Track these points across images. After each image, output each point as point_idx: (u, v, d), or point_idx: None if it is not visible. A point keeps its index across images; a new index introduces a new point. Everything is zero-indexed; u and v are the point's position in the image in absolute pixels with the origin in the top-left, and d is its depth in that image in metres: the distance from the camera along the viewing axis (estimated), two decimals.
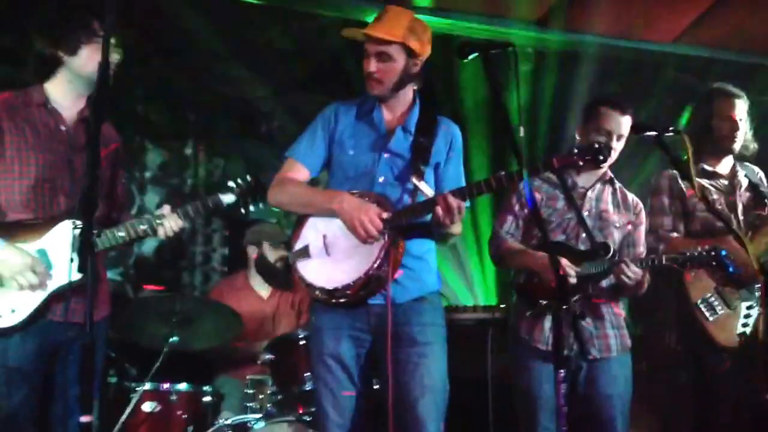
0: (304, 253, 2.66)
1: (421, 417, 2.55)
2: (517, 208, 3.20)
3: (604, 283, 3.10)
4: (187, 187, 5.55)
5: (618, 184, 3.29)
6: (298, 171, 2.74)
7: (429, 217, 2.59)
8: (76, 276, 2.36)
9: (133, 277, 5.26)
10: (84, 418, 1.89)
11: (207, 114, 5.47)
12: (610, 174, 3.26)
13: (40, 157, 2.55)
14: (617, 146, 3.10)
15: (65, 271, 2.42)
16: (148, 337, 3.78)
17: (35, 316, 2.46)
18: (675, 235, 3.42)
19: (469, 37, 4.99)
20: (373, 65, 2.66)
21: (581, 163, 2.55)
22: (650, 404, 3.64)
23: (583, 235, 3.09)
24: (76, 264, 1.91)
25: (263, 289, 4.35)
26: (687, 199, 3.45)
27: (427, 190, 2.59)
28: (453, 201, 2.47)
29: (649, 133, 2.83)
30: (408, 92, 2.77)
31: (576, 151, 2.54)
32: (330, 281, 2.57)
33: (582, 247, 3.10)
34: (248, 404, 3.71)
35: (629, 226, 3.22)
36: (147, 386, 3.59)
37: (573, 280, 2.93)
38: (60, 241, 2.53)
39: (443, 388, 2.64)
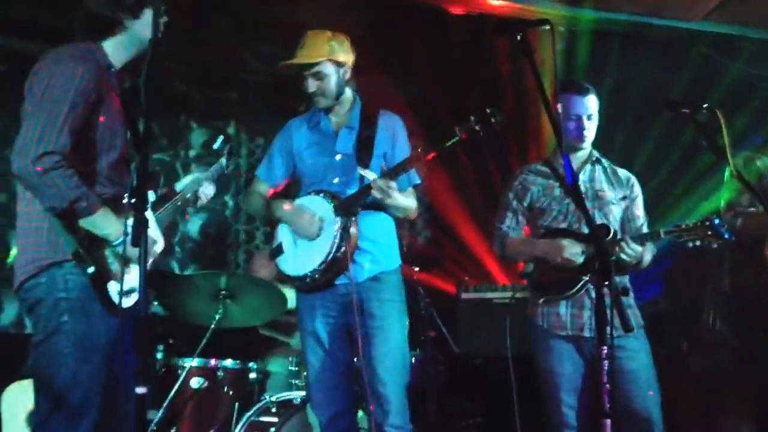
0: (279, 250, 3.09)
1: (383, 379, 2.91)
2: (514, 203, 3.28)
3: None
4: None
5: (607, 162, 3.30)
6: (260, 185, 3.22)
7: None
8: (159, 247, 2.50)
9: (178, 255, 5.34)
10: (139, 390, 1.90)
11: (249, 94, 5.48)
12: (596, 154, 3.28)
13: (120, 128, 2.48)
14: (589, 125, 3.17)
15: (160, 243, 2.51)
16: (194, 314, 3.83)
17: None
18: (752, 209, 3.42)
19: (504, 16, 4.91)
20: (311, 86, 3.06)
21: (481, 133, 2.80)
22: (690, 384, 3.59)
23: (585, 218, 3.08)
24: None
25: None
26: (763, 178, 3.47)
27: (370, 175, 2.92)
28: (382, 182, 2.84)
29: (683, 111, 2.77)
30: (348, 95, 3.14)
31: (473, 118, 2.81)
32: (298, 269, 2.99)
33: (585, 231, 3.11)
34: (293, 381, 3.74)
35: (625, 201, 3.24)
36: (194, 362, 3.65)
37: (579, 259, 3.01)
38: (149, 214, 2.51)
39: (401, 355, 2.98)
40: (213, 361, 3.74)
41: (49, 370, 2.34)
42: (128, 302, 2.40)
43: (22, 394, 3.46)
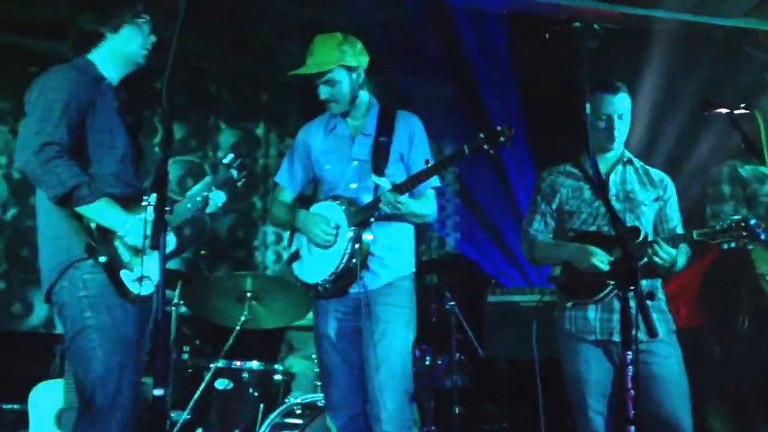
0: (296, 256, 3.10)
1: (380, 384, 2.89)
2: (543, 206, 3.23)
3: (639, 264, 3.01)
4: (258, 167, 5.62)
5: (639, 163, 3.23)
6: (282, 192, 3.21)
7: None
8: (171, 246, 2.54)
9: (207, 256, 5.38)
10: (157, 391, 1.94)
11: (278, 95, 5.50)
12: (628, 154, 3.21)
13: (121, 131, 2.59)
14: (619, 125, 3.10)
15: (171, 242, 2.58)
16: (220, 315, 3.84)
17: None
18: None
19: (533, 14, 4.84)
20: (324, 93, 3.03)
21: (491, 151, 2.78)
22: (723, 390, 3.50)
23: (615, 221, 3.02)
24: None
25: None
26: (748, 185, 3.42)
27: (384, 184, 2.90)
28: (391, 196, 2.83)
29: (719, 111, 2.69)
30: (363, 98, 3.11)
31: (482, 136, 2.78)
32: (311, 277, 3.01)
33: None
34: (318, 383, 3.73)
35: (658, 202, 3.17)
36: (220, 364, 3.67)
37: (605, 268, 2.94)
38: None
39: (401, 361, 2.95)
40: (238, 363, 3.75)
41: (81, 365, 2.45)
42: (144, 289, 2.47)
43: (50, 394, 3.52)
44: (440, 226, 5.66)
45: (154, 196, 2.09)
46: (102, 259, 2.44)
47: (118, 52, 2.64)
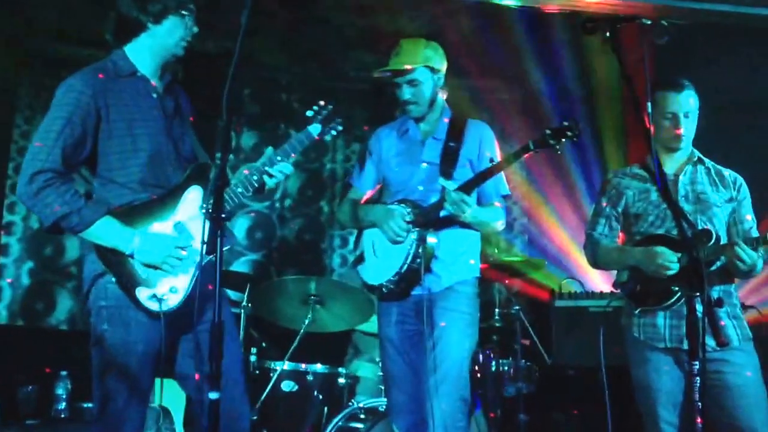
0: (361, 258, 3.12)
1: (432, 391, 2.86)
2: (607, 209, 3.15)
3: (713, 268, 2.91)
4: (325, 171, 5.69)
5: (710, 163, 3.10)
6: (354, 193, 3.24)
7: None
8: (227, 244, 2.34)
9: (276, 260, 5.47)
10: (212, 395, 1.95)
11: (346, 101, 5.55)
12: (698, 154, 3.09)
13: (146, 129, 2.48)
14: (685, 124, 3.01)
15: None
16: (286, 318, 3.90)
17: (193, 290, 2.44)
18: None
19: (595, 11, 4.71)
20: (406, 93, 3.05)
21: (557, 147, 2.73)
22: None
23: (684, 223, 2.88)
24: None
25: None
26: None
27: (450, 186, 2.88)
28: (456, 195, 2.81)
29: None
30: (439, 103, 3.13)
31: (548, 132, 2.73)
32: (375, 278, 3.03)
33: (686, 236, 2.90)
34: (382, 387, 3.73)
35: (732, 203, 3.03)
36: (285, 366, 3.71)
37: (672, 272, 2.84)
38: (192, 209, 2.50)
39: (457, 367, 2.91)
40: (303, 365, 3.79)
41: (96, 374, 2.42)
42: (166, 306, 2.39)
43: None
44: (507, 230, 5.58)
45: (211, 202, 2.05)
46: (112, 279, 2.39)
47: (159, 44, 2.52)
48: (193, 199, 2.51)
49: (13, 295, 5.22)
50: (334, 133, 2.74)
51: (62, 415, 4.26)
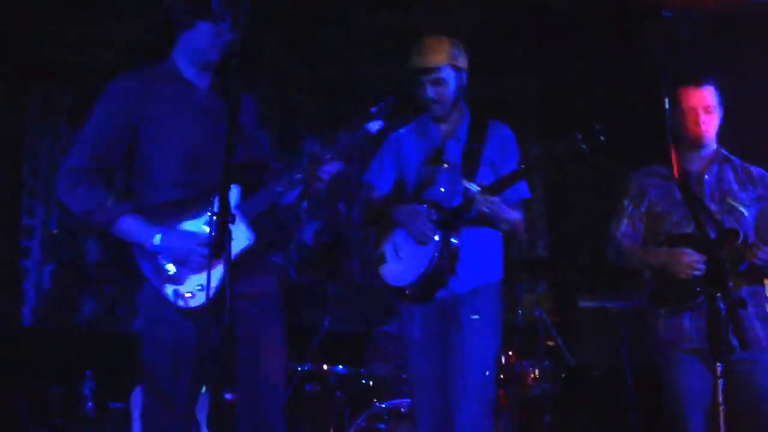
0: (382, 258, 3.05)
1: (458, 393, 2.85)
2: (630, 208, 3.11)
3: (741, 268, 2.85)
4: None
5: (737, 160, 3.03)
6: (372, 191, 3.16)
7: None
8: (243, 243, 2.38)
9: (295, 262, 5.48)
10: (229, 396, 1.97)
11: (358, 102, 5.54)
12: (723, 151, 3.03)
13: (185, 130, 2.51)
14: (707, 119, 2.96)
15: (241, 238, 2.37)
16: (307, 319, 3.90)
17: (220, 289, 2.38)
18: None
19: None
20: (430, 91, 2.97)
21: (587, 151, 2.68)
22: None
23: (710, 223, 2.88)
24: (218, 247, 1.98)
25: None
26: None
27: (474, 187, 2.84)
28: (484, 198, 2.77)
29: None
30: (460, 103, 3.08)
31: (579, 136, 2.68)
32: (399, 280, 2.96)
33: (712, 235, 2.86)
34: (405, 388, 3.72)
35: (761, 201, 2.97)
36: (307, 367, 3.72)
37: (700, 270, 2.80)
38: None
39: (482, 370, 2.88)
40: (325, 366, 3.79)
41: (142, 374, 2.47)
42: (193, 302, 2.40)
43: None
44: (529, 229, 5.53)
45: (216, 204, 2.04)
46: (146, 276, 2.44)
47: (193, 48, 2.53)
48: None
49: (37, 298, 5.29)
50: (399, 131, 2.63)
51: (89, 415, 4.30)
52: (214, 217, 2.01)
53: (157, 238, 2.42)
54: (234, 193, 2.49)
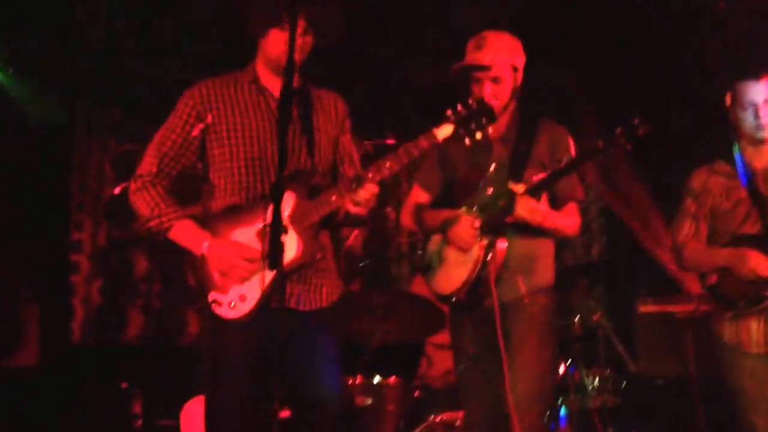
0: (428, 266, 2.98)
1: (514, 405, 2.73)
2: (693, 208, 3.02)
3: None
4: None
5: None
6: (420, 195, 3.11)
7: None
8: (290, 254, 2.36)
9: (340, 270, 5.40)
10: (283, 413, 1.93)
11: (401, 104, 5.46)
12: None
13: (251, 136, 2.56)
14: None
15: (291, 248, 2.38)
16: (356, 331, 3.83)
17: (264, 301, 2.43)
18: None
19: None
20: (488, 90, 2.83)
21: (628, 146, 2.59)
22: None
23: None
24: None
25: None
26: None
27: (519, 189, 2.75)
28: (525, 201, 2.71)
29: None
30: (511, 104, 2.97)
31: (618, 131, 2.60)
32: (445, 288, 2.89)
33: None
34: (458, 400, 3.62)
35: None
36: (358, 380, 3.66)
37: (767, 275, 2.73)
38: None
39: (537, 380, 2.81)
40: (376, 379, 3.72)
41: (202, 385, 2.52)
42: (232, 313, 2.44)
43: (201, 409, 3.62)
44: (584, 231, 5.37)
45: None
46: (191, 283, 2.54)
47: (266, 55, 2.62)
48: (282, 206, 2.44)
49: (86, 313, 5.31)
50: (479, 136, 2.45)
51: None
52: (267, 228, 2.05)
53: (205, 246, 2.48)
54: (289, 202, 2.48)
